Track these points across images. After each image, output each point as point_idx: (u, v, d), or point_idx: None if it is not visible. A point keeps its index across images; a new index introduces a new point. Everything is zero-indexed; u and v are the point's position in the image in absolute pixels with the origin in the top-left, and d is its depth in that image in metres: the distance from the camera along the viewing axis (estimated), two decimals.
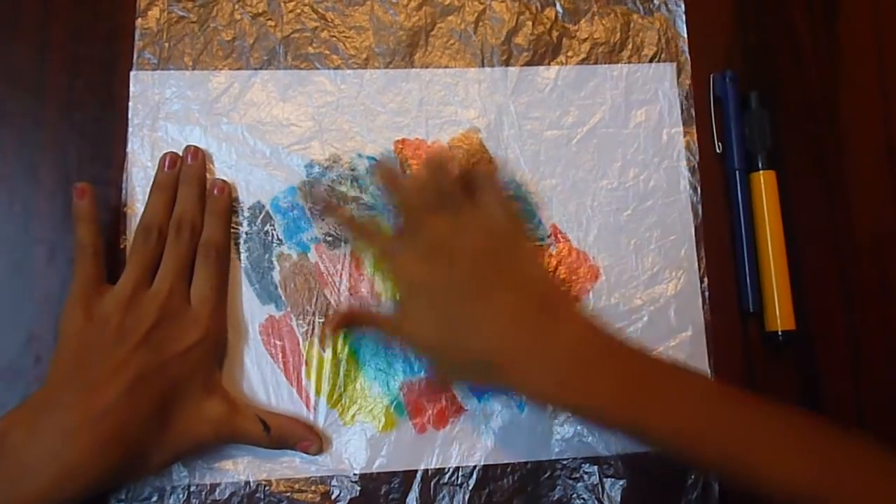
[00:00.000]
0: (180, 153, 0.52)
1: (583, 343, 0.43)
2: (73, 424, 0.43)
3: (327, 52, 0.55)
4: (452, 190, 0.47)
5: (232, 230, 0.52)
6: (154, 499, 0.49)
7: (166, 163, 0.51)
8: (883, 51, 0.61)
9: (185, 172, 0.51)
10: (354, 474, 0.50)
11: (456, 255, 0.45)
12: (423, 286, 0.45)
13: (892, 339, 0.56)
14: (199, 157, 0.52)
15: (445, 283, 0.44)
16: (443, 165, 0.47)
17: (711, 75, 0.58)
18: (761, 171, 0.56)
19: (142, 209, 0.50)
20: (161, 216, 0.49)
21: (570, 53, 0.57)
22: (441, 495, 0.50)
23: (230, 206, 0.52)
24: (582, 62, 0.57)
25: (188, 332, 0.47)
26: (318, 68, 0.55)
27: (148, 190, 0.51)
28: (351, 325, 0.49)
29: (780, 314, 0.54)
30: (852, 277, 0.57)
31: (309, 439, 0.49)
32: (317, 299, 0.52)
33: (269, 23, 0.55)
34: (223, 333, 0.50)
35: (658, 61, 0.58)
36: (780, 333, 0.54)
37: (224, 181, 0.52)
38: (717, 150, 0.57)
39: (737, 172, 0.56)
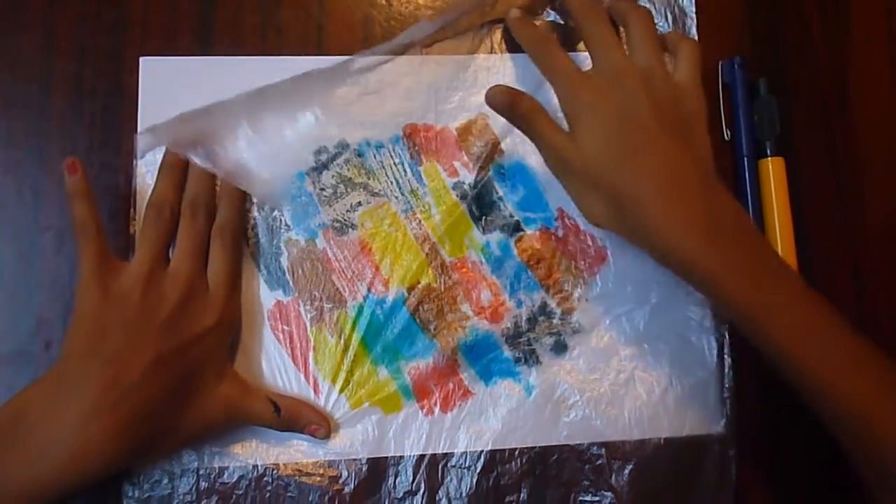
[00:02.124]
0: None
1: (732, 217, 0.46)
2: (93, 402, 0.42)
3: None
4: (648, 43, 0.48)
5: None
6: (165, 481, 0.49)
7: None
8: (894, 37, 0.60)
9: None
10: (362, 458, 0.50)
11: (640, 96, 0.46)
12: (600, 109, 0.46)
13: None
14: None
15: (625, 112, 0.46)
16: (643, 18, 0.49)
17: (720, 62, 0.58)
18: (770, 158, 0.56)
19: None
20: (171, 195, 0.49)
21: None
22: (449, 479, 0.51)
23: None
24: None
25: (206, 316, 0.47)
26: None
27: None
28: (522, 109, 0.48)
29: None
30: (863, 265, 0.57)
31: (318, 423, 0.49)
32: (324, 285, 0.52)
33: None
34: (237, 318, 0.50)
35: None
36: None
37: None
38: (726, 138, 0.57)
39: (745, 159, 0.56)
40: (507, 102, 0.47)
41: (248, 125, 0.53)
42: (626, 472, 0.52)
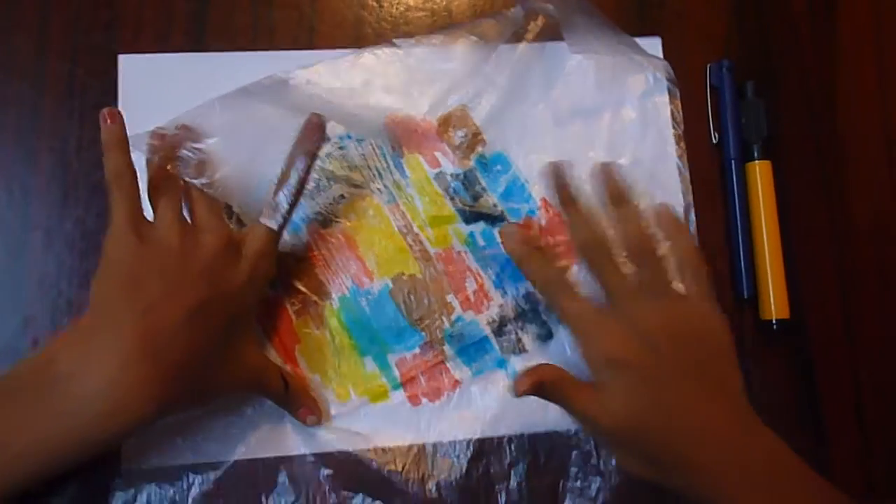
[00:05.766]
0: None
1: (777, 461, 0.43)
2: (132, 351, 0.40)
3: None
4: (660, 279, 0.46)
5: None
6: (154, 471, 0.49)
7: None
8: (881, 40, 0.61)
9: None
10: (351, 449, 0.50)
11: (664, 344, 0.44)
12: (626, 364, 0.43)
13: (887, 327, 0.56)
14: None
15: (651, 367, 0.43)
16: (650, 253, 0.46)
17: (708, 65, 0.58)
18: (757, 161, 0.56)
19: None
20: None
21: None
22: (438, 468, 0.50)
23: None
24: None
25: (240, 272, 0.46)
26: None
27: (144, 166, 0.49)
28: (545, 384, 0.45)
29: (774, 303, 0.54)
30: (848, 266, 0.57)
31: (312, 408, 0.50)
32: (308, 278, 0.52)
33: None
34: (267, 280, 0.49)
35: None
36: (774, 322, 0.54)
37: None
38: (713, 140, 0.57)
39: (732, 162, 0.56)
40: (530, 388, 0.45)
41: (227, 125, 0.51)
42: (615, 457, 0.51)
